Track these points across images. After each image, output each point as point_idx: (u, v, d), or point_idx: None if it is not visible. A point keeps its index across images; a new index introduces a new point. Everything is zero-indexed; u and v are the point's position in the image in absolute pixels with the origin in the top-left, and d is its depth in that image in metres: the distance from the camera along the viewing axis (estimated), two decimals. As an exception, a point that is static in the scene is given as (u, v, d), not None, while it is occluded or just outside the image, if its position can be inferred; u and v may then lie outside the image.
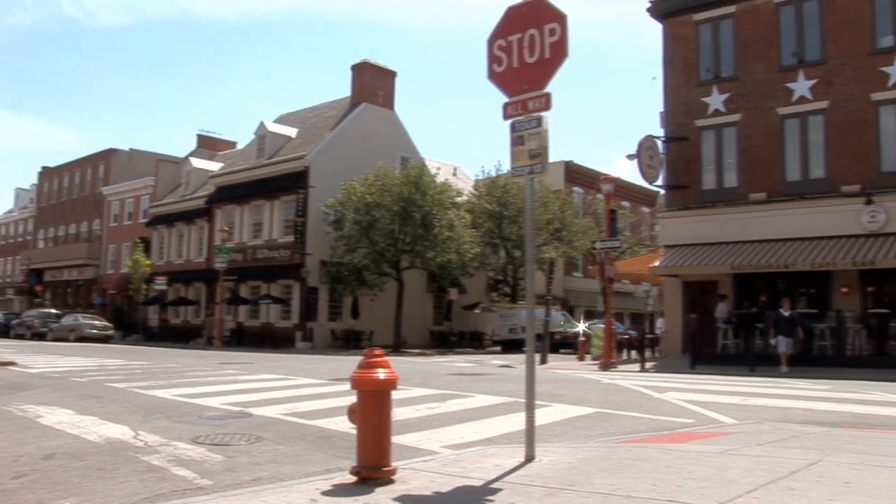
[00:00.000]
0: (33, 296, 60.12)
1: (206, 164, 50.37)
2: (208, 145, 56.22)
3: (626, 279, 39.04)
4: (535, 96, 6.19)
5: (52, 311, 49.25)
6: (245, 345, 38.34)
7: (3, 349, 25.13)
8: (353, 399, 5.33)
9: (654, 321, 34.37)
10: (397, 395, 7.65)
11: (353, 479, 5.14)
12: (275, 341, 38.01)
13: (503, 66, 6.44)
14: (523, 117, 6.26)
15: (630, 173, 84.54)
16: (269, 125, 44.63)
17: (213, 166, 49.47)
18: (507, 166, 6.52)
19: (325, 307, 39.20)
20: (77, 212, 62.60)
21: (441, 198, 37.24)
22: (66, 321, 43.45)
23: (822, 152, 23.28)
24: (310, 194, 38.54)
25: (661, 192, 27.92)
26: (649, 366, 22.29)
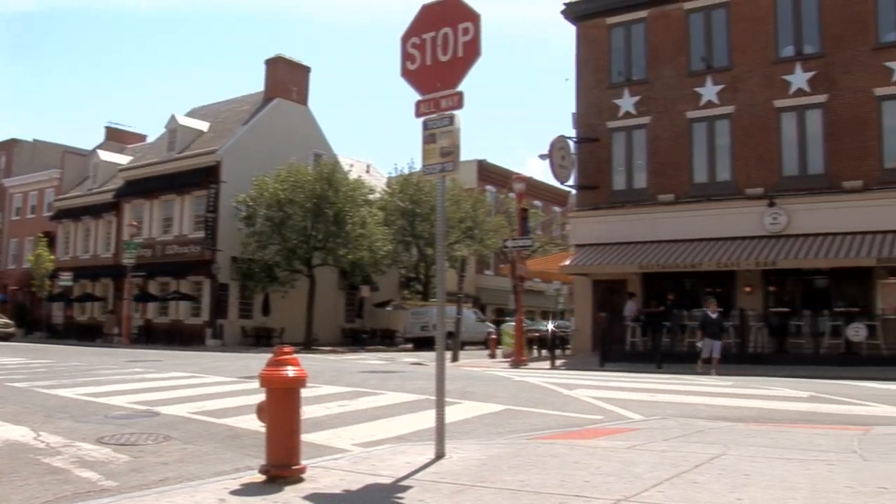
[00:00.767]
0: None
1: (115, 157, 49.10)
2: (117, 138, 54.60)
3: (537, 278, 39.64)
4: (447, 94, 6.18)
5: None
6: (154, 342, 37.38)
7: None
8: (262, 397, 5.25)
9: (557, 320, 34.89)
10: (308, 392, 7.55)
11: (262, 478, 5.07)
12: (184, 339, 37.17)
13: (416, 63, 6.41)
14: (435, 115, 6.24)
15: (542, 173, 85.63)
16: (181, 119, 43.62)
17: (122, 159, 48.23)
18: (420, 164, 6.48)
19: (235, 304, 38.66)
20: (-25, 204, 59.61)
21: (354, 195, 37.22)
22: (-37, 318, 41.34)
23: (728, 156, 24.08)
24: (221, 189, 37.91)
25: (573, 191, 28.39)
26: (559, 363, 22.48)
